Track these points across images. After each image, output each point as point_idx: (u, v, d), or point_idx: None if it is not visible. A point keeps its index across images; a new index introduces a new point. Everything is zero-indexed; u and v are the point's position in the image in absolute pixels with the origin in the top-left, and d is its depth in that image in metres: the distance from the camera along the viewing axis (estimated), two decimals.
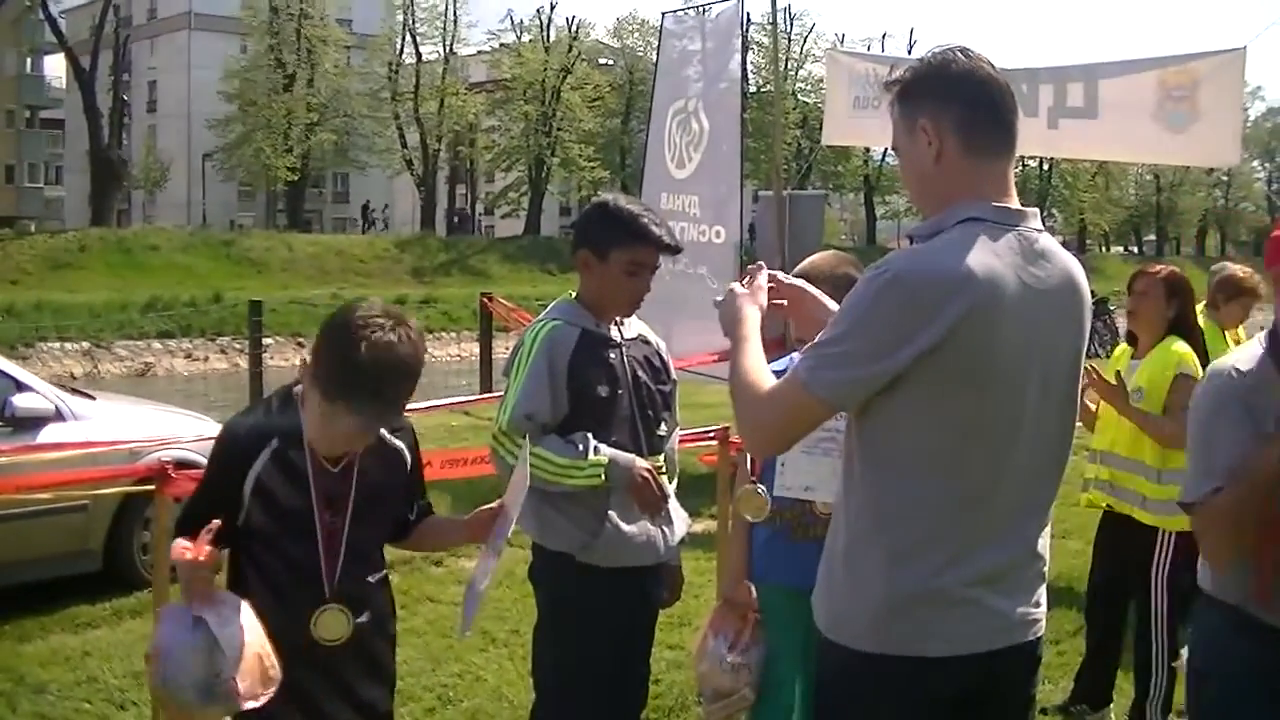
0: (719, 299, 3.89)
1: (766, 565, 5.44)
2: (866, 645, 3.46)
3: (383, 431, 4.03)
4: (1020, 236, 3.38)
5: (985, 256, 3.26)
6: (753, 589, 5.39)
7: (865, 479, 3.45)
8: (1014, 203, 3.45)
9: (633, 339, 5.20)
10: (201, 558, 3.55)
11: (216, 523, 3.63)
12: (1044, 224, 3.49)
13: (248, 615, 3.61)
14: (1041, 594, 3.59)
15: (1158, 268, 7.42)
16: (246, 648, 3.53)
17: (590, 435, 4.90)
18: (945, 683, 3.42)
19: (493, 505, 4.07)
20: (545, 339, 4.97)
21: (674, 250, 5.17)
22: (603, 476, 4.88)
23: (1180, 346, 7.02)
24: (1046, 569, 3.62)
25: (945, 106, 3.43)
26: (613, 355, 5.04)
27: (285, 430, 3.90)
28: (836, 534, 3.57)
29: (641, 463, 4.98)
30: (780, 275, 4.15)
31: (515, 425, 4.88)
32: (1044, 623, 3.62)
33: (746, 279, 3.95)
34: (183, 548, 3.56)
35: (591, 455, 4.87)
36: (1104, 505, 7.25)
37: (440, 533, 4.35)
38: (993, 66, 3.47)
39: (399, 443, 4.11)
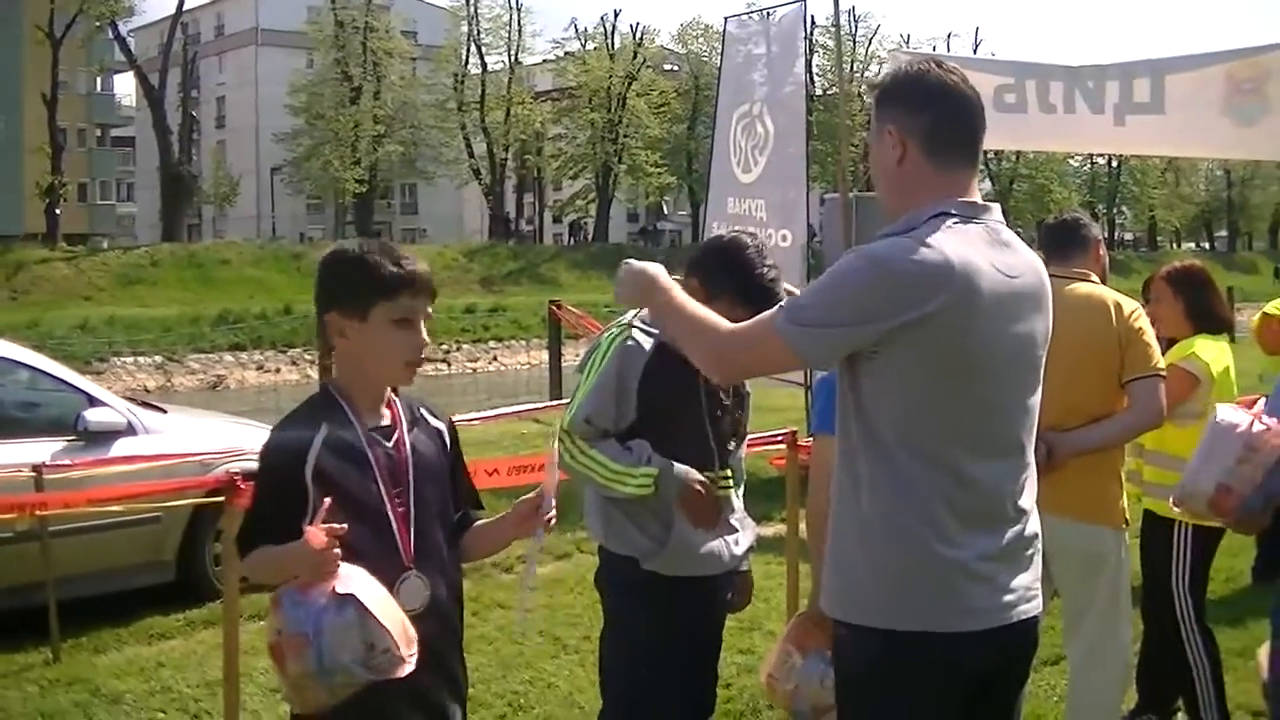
0: (620, 274, 4.10)
1: None
2: (882, 622, 3.57)
3: (423, 411, 4.07)
4: (986, 228, 3.61)
5: (961, 248, 3.47)
6: None
7: (863, 458, 3.61)
8: (977, 200, 3.67)
9: None
10: (326, 538, 3.56)
11: (328, 500, 3.65)
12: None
13: (377, 584, 3.62)
14: (1038, 570, 3.73)
15: (1165, 268, 7.36)
16: (393, 614, 3.56)
17: (648, 444, 4.88)
18: (962, 659, 3.53)
19: (532, 495, 4.04)
20: (620, 348, 4.96)
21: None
22: (652, 487, 4.85)
23: (1199, 343, 6.94)
24: (1040, 545, 3.77)
25: (911, 115, 3.66)
26: (688, 366, 4.99)
27: (333, 416, 3.91)
28: (845, 515, 3.70)
29: (695, 475, 4.93)
30: None
31: (578, 427, 4.92)
32: (1041, 599, 3.76)
33: None
34: (314, 533, 3.55)
35: (644, 465, 4.84)
36: (1139, 500, 7.17)
37: (487, 538, 4.29)
38: (964, 81, 3.68)
39: (439, 422, 4.12)
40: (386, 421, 3.96)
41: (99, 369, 39.75)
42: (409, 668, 3.57)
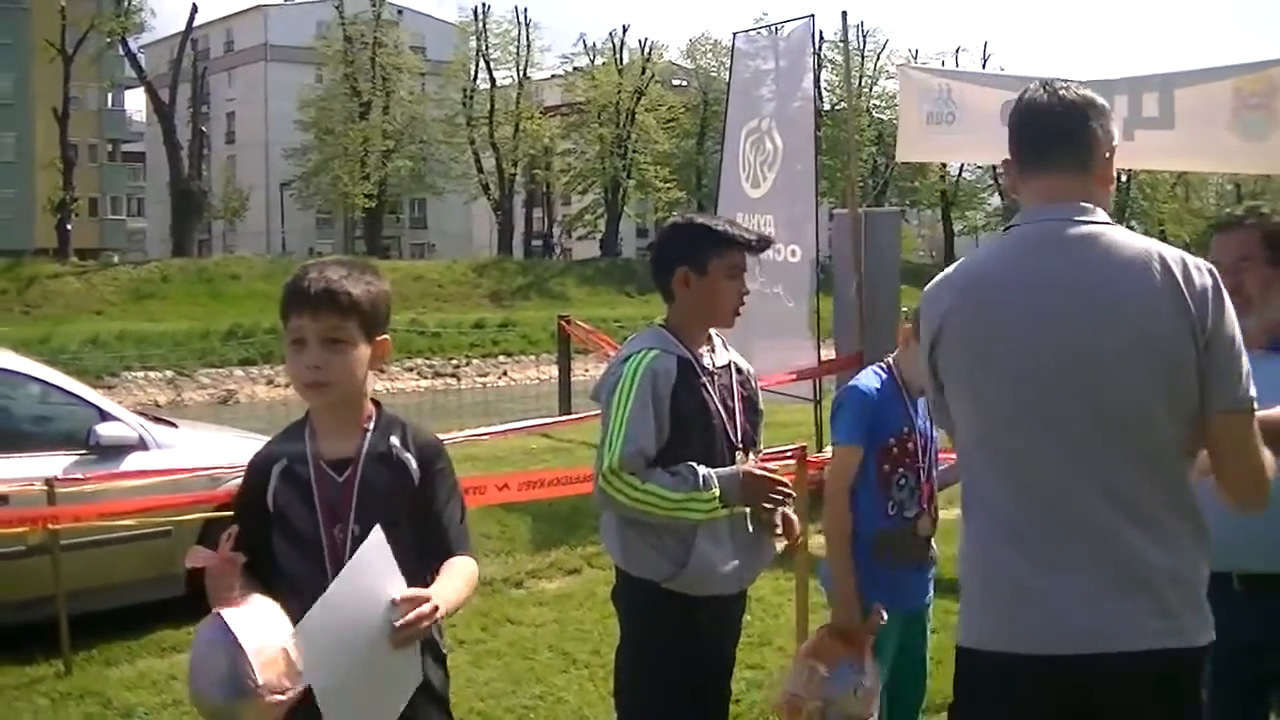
0: None
1: (866, 590, 5.42)
2: (965, 640, 3.58)
3: (392, 441, 3.96)
4: (1047, 229, 3.55)
5: (985, 253, 3.60)
6: (884, 614, 5.31)
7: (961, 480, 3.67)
8: (1060, 202, 3.59)
9: (722, 367, 5.13)
10: (220, 565, 3.58)
11: (234, 528, 3.66)
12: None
13: (274, 614, 3.59)
14: (1146, 601, 3.39)
15: None
16: (269, 646, 3.50)
17: (693, 465, 4.83)
18: (1026, 684, 3.44)
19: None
20: (648, 369, 4.90)
21: (765, 244, 5.21)
22: (719, 507, 4.82)
23: None
24: (1156, 571, 3.41)
25: (1009, 140, 3.75)
26: (705, 386, 4.99)
27: (292, 447, 3.94)
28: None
29: (743, 466, 4.93)
30: None
31: (627, 461, 4.78)
32: (1164, 635, 3.41)
33: None
34: (195, 554, 3.59)
35: (704, 489, 4.79)
36: None
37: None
38: (1046, 91, 3.70)
39: (408, 456, 3.97)
40: (347, 453, 3.92)
41: (110, 383, 39.86)
42: (279, 698, 3.48)
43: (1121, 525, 3.40)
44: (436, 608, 3.62)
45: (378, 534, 3.64)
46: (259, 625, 3.53)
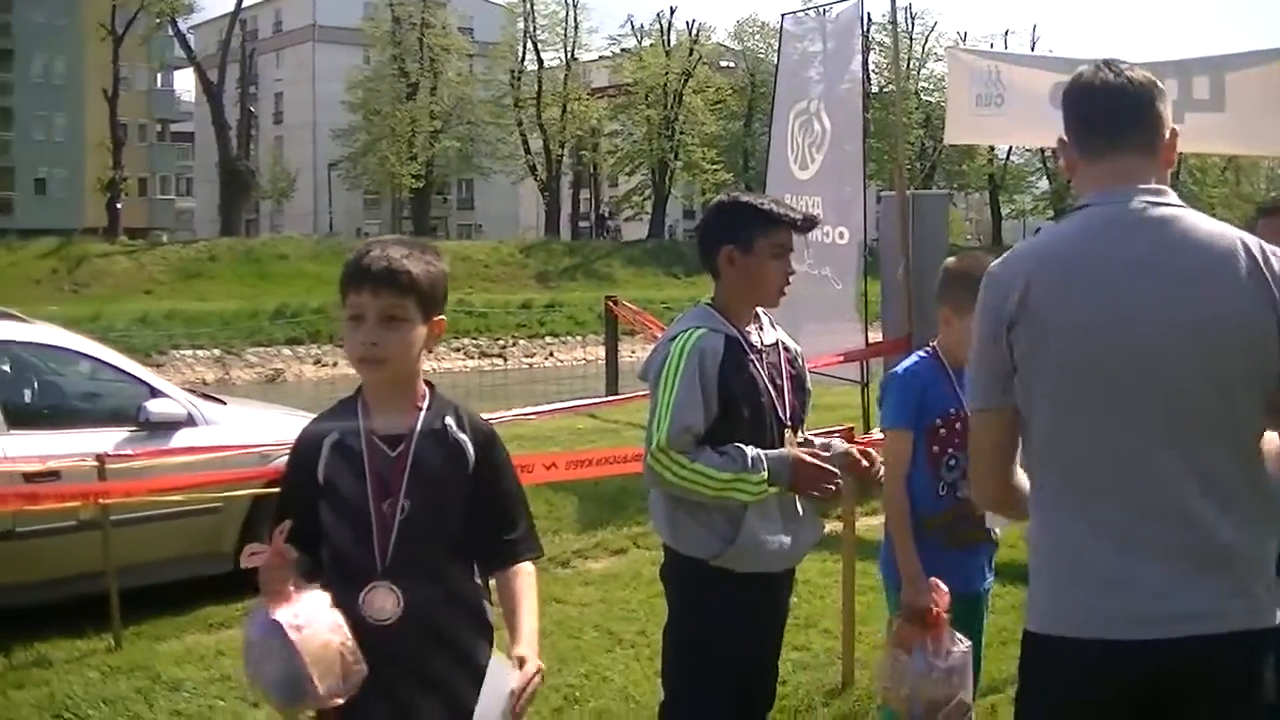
0: None
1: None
2: (1031, 625, 3.55)
3: (447, 421, 3.98)
4: (1123, 210, 3.50)
5: (1064, 230, 3.53)
6: (942, 587, 5.27)
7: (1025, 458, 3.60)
8: (1131, 183, 3.56)
9: (770, 345, 5.13)
10: (271, 559, 3.62)
11: (288, 523, 3.66)
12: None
13: (328, 613, 3.62)
14: (1226, 582, 3.38)
15: None
16: (324, 647, 3.53)
17: (743, 446, 4.82)
18: (1103, 670, 3.40)
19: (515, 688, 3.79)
20: (695, 348, 4.89)
21: (811, 223, 5.20)
22: (768, 489, 4.82)
23: None
24: (1235, 553, 3.41)
25: (1069, 120, 3.70)
26: (753, 364, 4.99)
27: (344, 421, 3.96)
28: None
29: (793, 451, 4.92)
30: None
31: (675, 439, 4.79)
32: (1244, 615, 3.39)
33: None
34: (250, 552, 3.60)
35: (754, 470, 4.79)
36: None
37: (506, 611, 4.11)
38: (1112, 72, 3.64)
39: (464, 437, 3.99)
40: (400, 429, 3.95)
41: (158, 362, 40.05)
42: (337, 701, 3.56)
43: (1201, 507, 3.37)
44: (540, 669, 3.85)
45: (496, 661, 3.87)
46: (314, 627, 3.56)
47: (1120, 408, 3.39)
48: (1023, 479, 3.61)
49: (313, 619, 3.57)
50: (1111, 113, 3.62)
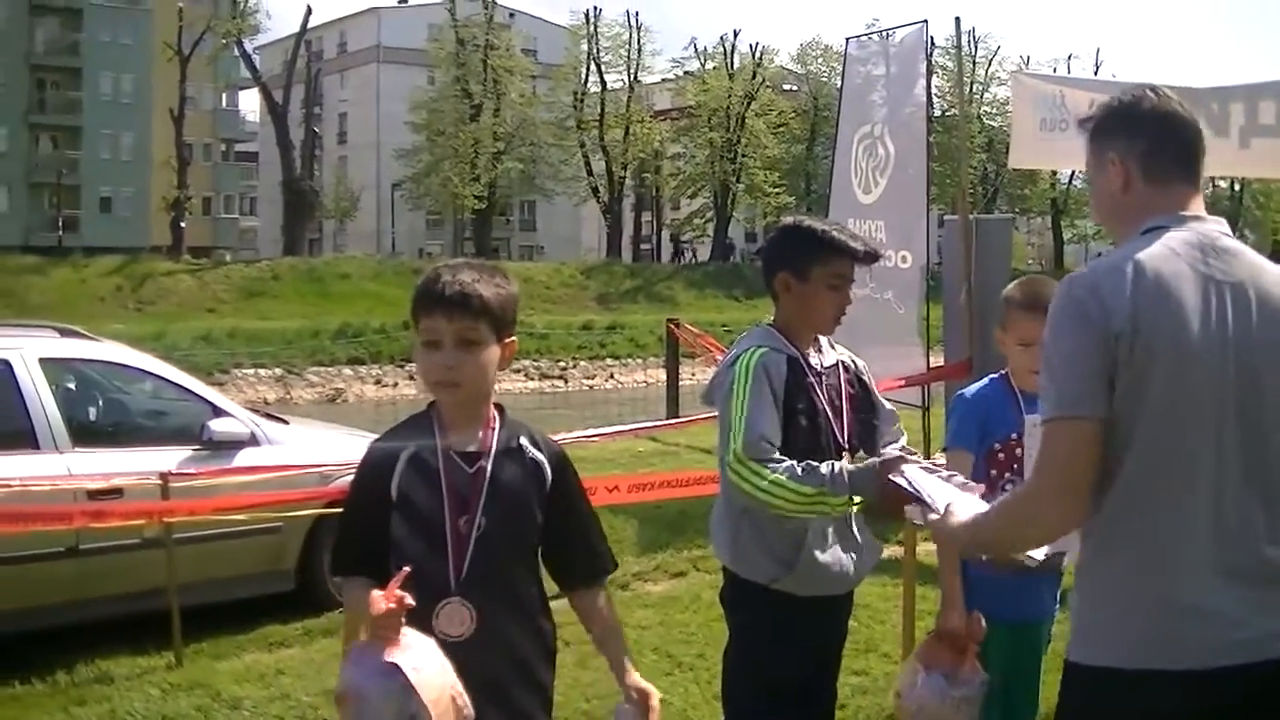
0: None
1: (970, 597, 5.36)
2: (1080, 656, 3.50)
3: (522, 441, 4.04)
4: (1200, 234, 3.51)
5: (1157, 250, 3.43)
6: (982, 620, 5.24)
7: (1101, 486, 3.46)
8: (1197, 211, 3.60)
9: (830, 367, 5.09)
10: (393, 605, 3.60)
11: (407, 569, 3.64)
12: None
13: (437, 656, 3.63)
14: None
15: None
16: (440, 690, 3.54)
17: (829, 463, 4.76)
18: (1184, 701, 3.35)
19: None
20: (759, 364, 4.88)
21: (873, 257, 5.16)
22: (851, 498, 4.75)
23: None
24: None
25: (1132, 142, 3.66)
26: (813, 386, 4.96)
27: (419, 435, 3.98)
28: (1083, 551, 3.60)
29: (873, 460, 4.84)
30: None
31: (751, 447, 4.72)
32: None
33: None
34: (376, 598, 3.57)
35: (838, 489, 4.70)
36: None
37: (598, 638, 4.23)
38: (1180, 105, 3.68)
39: (540, 456, 4.06)
40: (475, 447, 3.98)
41: (220, 380, 40.24)
42: None
43: (1269, 534, 3.40)
44: (658, 699, 4.07)
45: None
46: (429, 672, 3.56)
47: (1212, 430, 3.38)
48: None
49: (426, 663, 3.58)
50: (1186, 144, 3.66)
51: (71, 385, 10.29)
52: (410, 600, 3.59)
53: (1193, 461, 3.38)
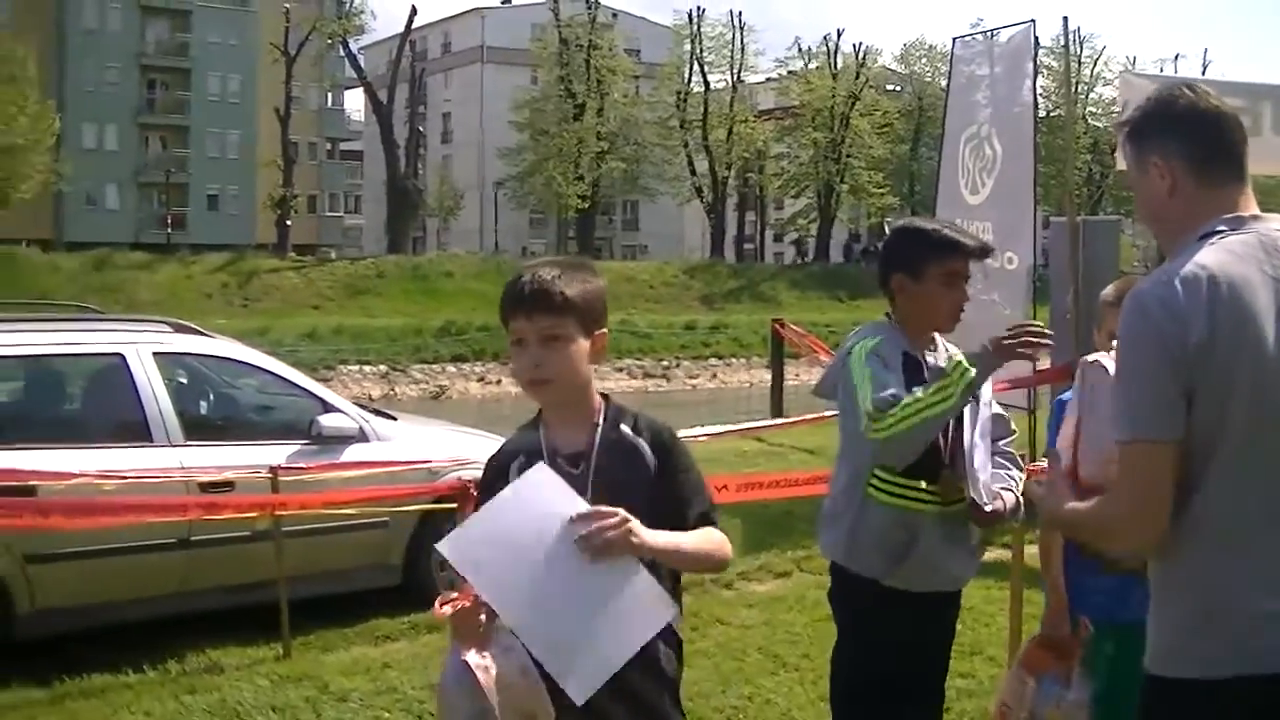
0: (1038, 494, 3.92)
1: (1077, 601, 5.32)
2: (1160, 669, 3.44)
3: (623, 428, 4.02)
4: (1261, 235, 3.44)
5: (1224, 257, 3.34)
6: (1089, 625, 5.21)
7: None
8: (1253, 211, 3.52)
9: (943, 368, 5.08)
10: (465, 606, 3.65)
11: (468, 584, 3.68)
12: None
13: (519, 655, 3.63)
14: None
15: None
16: (510, 690, 3.58)
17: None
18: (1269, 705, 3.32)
19: None
20: (873, 350, 4.93)
21: (986, 252, 5.20)
22: (968, 369, 4.79)
23: None
24: None
25: (1173, 142, 3.55)
26: (927, 380, 4.93)
27: (528, 442, 4.01)
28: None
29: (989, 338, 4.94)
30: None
31: (880, 403, 4.76)
32: None
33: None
34: (442, 602, 3.65)
35: (946, 374, 4.78)
36: None
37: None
38: (1218, 99, 3.60)
39: (640, 441, 4.02)
40: (581, 445, 3.99)
41: (326, 376, 40.56)
42: None
43: None
44: (626, 520, 3.62)
45: (541, 470, 3.75)
46: (503, 669, 3.61)
47: (1252, 435, 3.32)
48: None
49: (502, 661, 3.62)
50: (1237, 144, 3.59)
51: (184, 379, 10.42)
52: (466, 602, 3.64)
53: (1264, 470, 3.33)
